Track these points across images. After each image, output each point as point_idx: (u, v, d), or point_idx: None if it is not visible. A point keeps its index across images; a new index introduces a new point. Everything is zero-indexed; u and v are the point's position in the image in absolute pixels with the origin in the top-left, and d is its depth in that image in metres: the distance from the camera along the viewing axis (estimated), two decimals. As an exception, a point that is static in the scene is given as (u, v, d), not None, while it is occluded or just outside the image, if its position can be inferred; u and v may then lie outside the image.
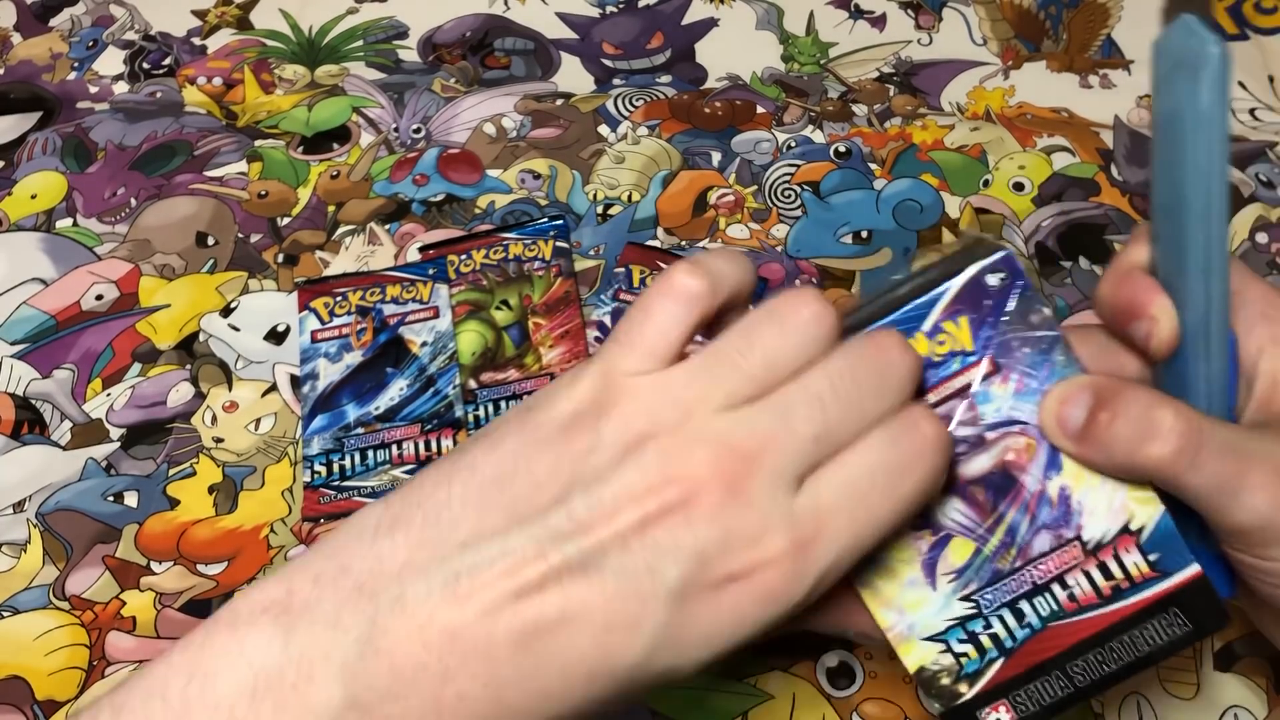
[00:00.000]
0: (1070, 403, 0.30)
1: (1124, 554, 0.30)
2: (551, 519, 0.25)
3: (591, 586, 0.25)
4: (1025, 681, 0.30)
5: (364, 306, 0.53)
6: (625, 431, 0.26)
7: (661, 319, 0.28)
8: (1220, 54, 0.28)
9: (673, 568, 0.25)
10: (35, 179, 0.62)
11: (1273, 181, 0.58)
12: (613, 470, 0.26)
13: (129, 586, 0.47)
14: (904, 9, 0.69)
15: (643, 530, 0.25)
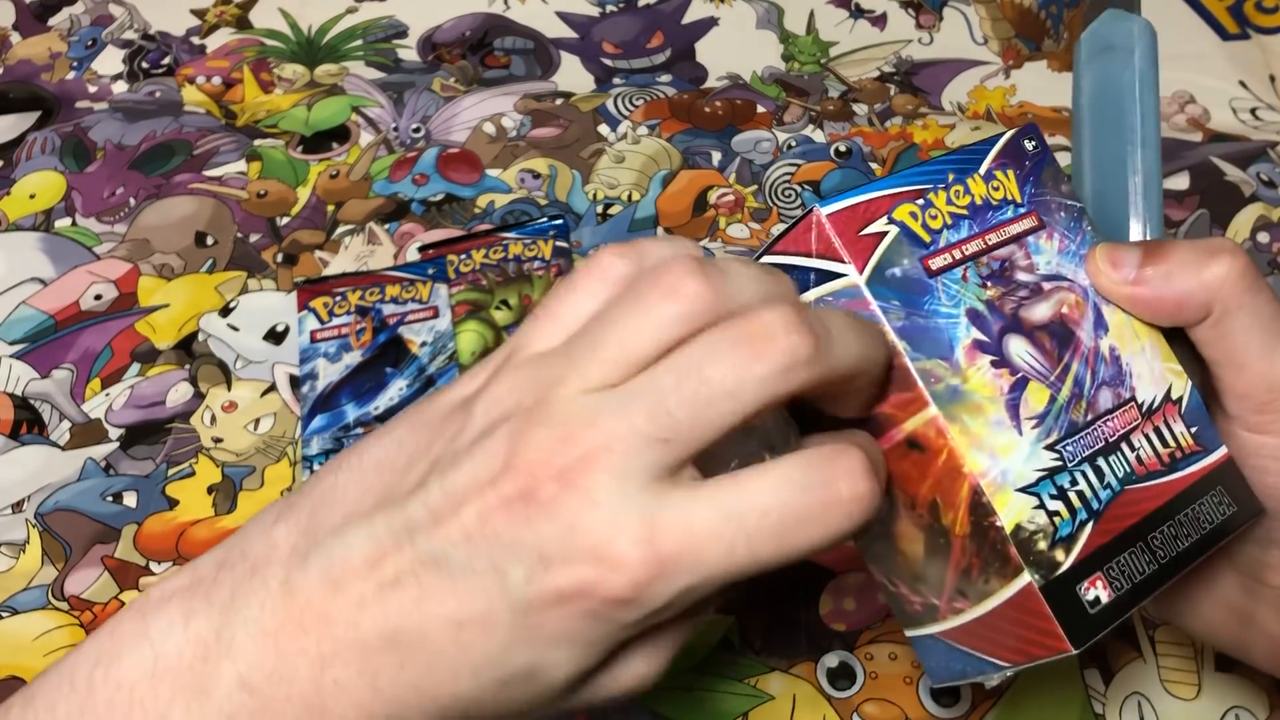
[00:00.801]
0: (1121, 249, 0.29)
1: (1172, 422, 0.29)
2: (410, 507, 0.25)
3: (443, 582, 0.24)
4: (1116, 552, 0.28)
5: (363, 306, 0.53)
6: (492, 411, 0.25)
7: (583, 293, 0.26)
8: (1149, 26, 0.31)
9: (516, 567, 0.24)
10: (34, 178, 0.62)
11: (1273, 181, 0.58)
12: (467, 455, 0.25)
13: (128, 587, 0.47)
14: (904, 8, 0.69)
15: (484, 525, 0.24)
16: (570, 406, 0.24)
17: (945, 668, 0.29)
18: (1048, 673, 0.43)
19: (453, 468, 0.25)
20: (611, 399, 0.24)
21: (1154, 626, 0.43)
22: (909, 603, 0.29)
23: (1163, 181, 0.32)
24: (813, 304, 0.28)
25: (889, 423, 0.28)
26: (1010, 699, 0.42)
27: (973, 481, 0.27)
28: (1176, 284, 0.29)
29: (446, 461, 0.25)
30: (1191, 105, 0.62)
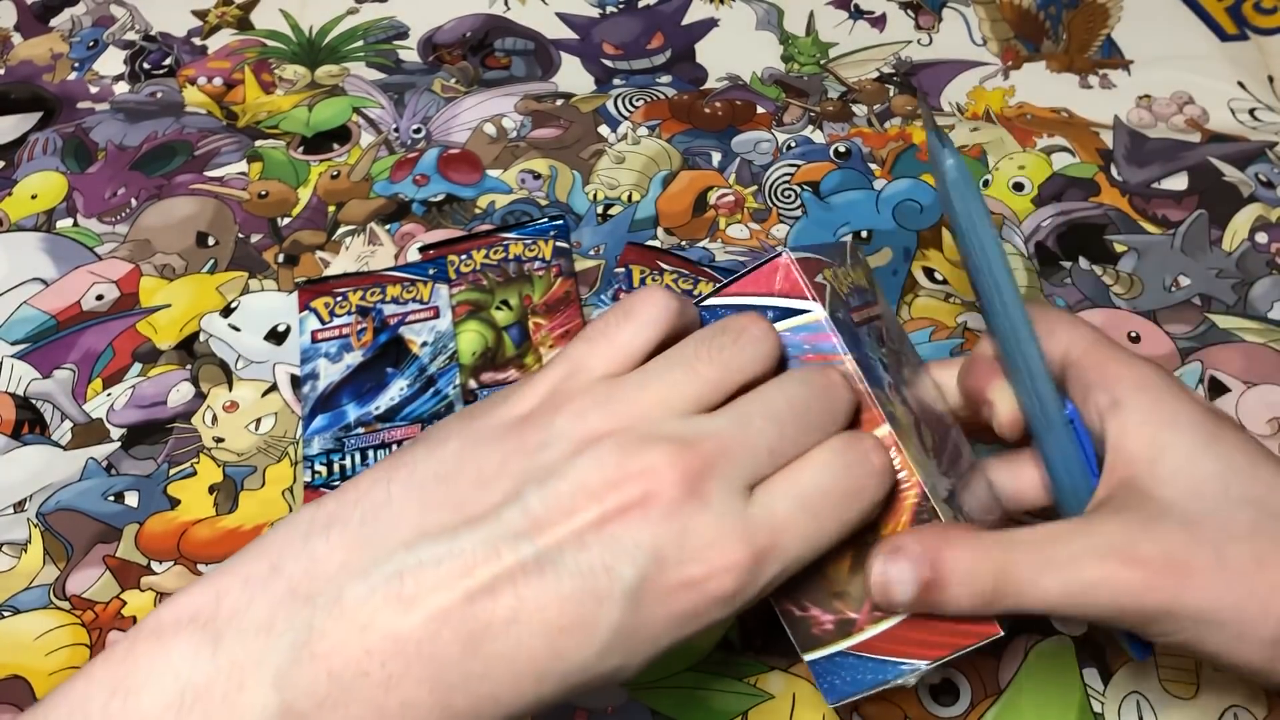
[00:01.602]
0: (895, 576, 0.29)
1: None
2: (505, 516, 0.25)
3: (547, 586, 0.24)
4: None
5: (364, 306, 0.53)
6: (579, 426, 0.26)
7: (640, 322, 0.29)
8: (956, 161, 0.32)
9: (629, 567, 0.25)
10: (35, 179, 0.62)
11: (1273, 181, 0.58)
12: (569, 464, 0.25)
13: (129, 586, 0.47)
14: (904, 9, 0.69)
15: (601, 527, 0.25)
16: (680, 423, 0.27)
17: (850, 682, 0.31)
18: (1048, 672, 0.43)
19: (554, 477, 0.25)
20: (721, 417, 0.27)
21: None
22: (818, 624, 0.31)
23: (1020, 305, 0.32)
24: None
25: None
26: (1010, 699, 0.42)
27: (920, 489, 0.30)
28: (956, 611, 0.30)
29: (540, 473, 0.26)
30: (1190, 106, 0.62)
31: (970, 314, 0.54)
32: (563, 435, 0.26)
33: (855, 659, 0.31)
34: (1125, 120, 0.62)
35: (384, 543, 0.25)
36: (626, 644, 0.25)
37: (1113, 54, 0.66)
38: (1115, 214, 0.58)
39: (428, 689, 0.24)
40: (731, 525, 0.26)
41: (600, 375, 0.28)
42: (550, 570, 0.24)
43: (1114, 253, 0.56)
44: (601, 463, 0.25)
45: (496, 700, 0.24)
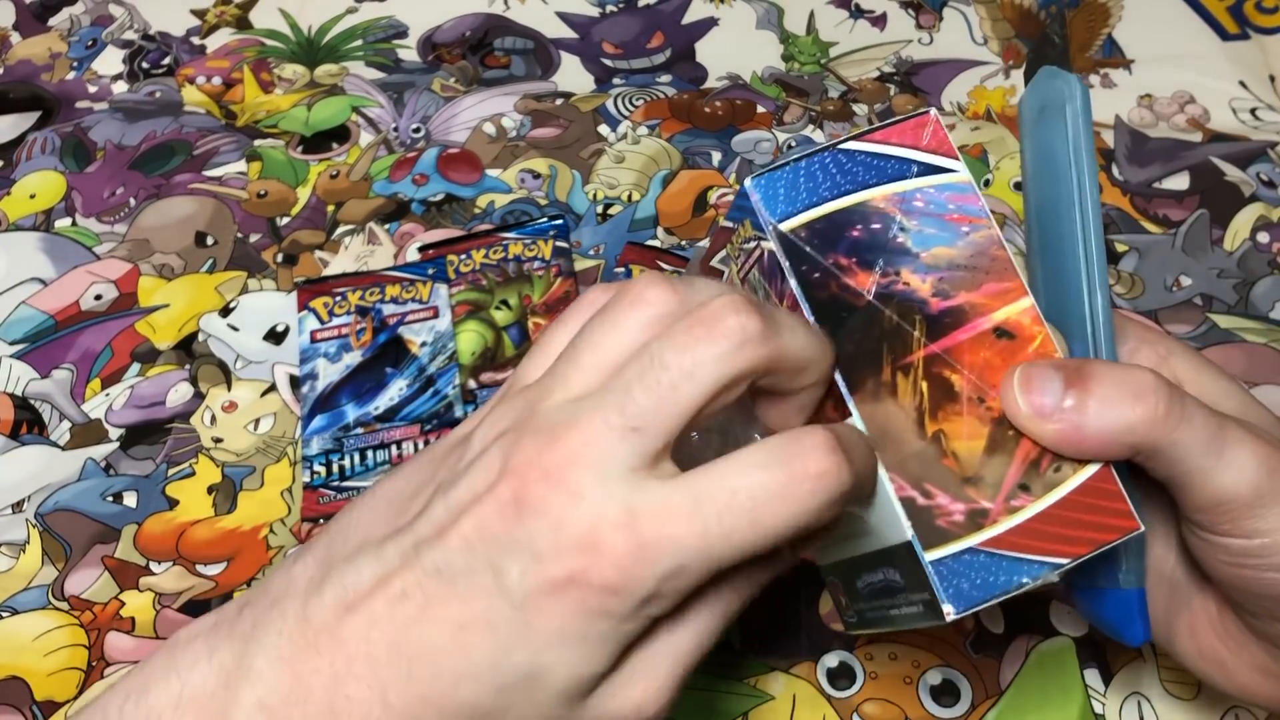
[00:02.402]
0: (1038, 383, 0.28)
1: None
2: (418, 525, 0.27)
3: (444, 588, 0.26)
4: None
5: (363, 306, 0.53)
6: (488, 433, 0.28)
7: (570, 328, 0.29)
8: (1083, 87, 0.31)
9: (512, 565, 0.25)
10: (34, 179, 0.62)
11: (1273, 181, 0.58)
12: (466, 472, 0.27)
13: (128, 587, 0.47)
14: (904, 8, 0.69)
15: (481, 529, 0.25)
16: (553, 414, 0.26)
17: (980, 586, 0.28)
18: (1049, 673, 0.43)
19: (453, 486, 0.27)
20: (587, 401, 0.26)
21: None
22: (944, 514, 0.28)
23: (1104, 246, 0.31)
24: (914, 192, 0.30)
25: (976, 312, 0.29)
26: (1011, 699, 0.42)
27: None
28: (1096, 428, 0.28)
29: (448, 483, 0.27)
30: (1191, 105, 0.62)
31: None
32: (475, 445, 0.28)
33: (986, 557, 0.27)
34: (1126, 120, 0.62)
35: (337, 556, 0.28)
36: (529, 641, 0.25)
37: (1114, 53, 0.66)
38: (1116, 213, 0.57)
39: (366, 684, 0.26)
40: (608, 513, 0.25)
41: (530, 382, 0.28)
42: (447, 573, 0.26)
43: (1115, 252, 0.56)
44: (486, 467, 0.26)
45: (425, 700, 0.25)
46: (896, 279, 0.29)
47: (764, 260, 0.30)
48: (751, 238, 0.30)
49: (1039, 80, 0.33)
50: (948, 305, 0.29)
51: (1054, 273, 0.33)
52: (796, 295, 0.29)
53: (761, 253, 0.30)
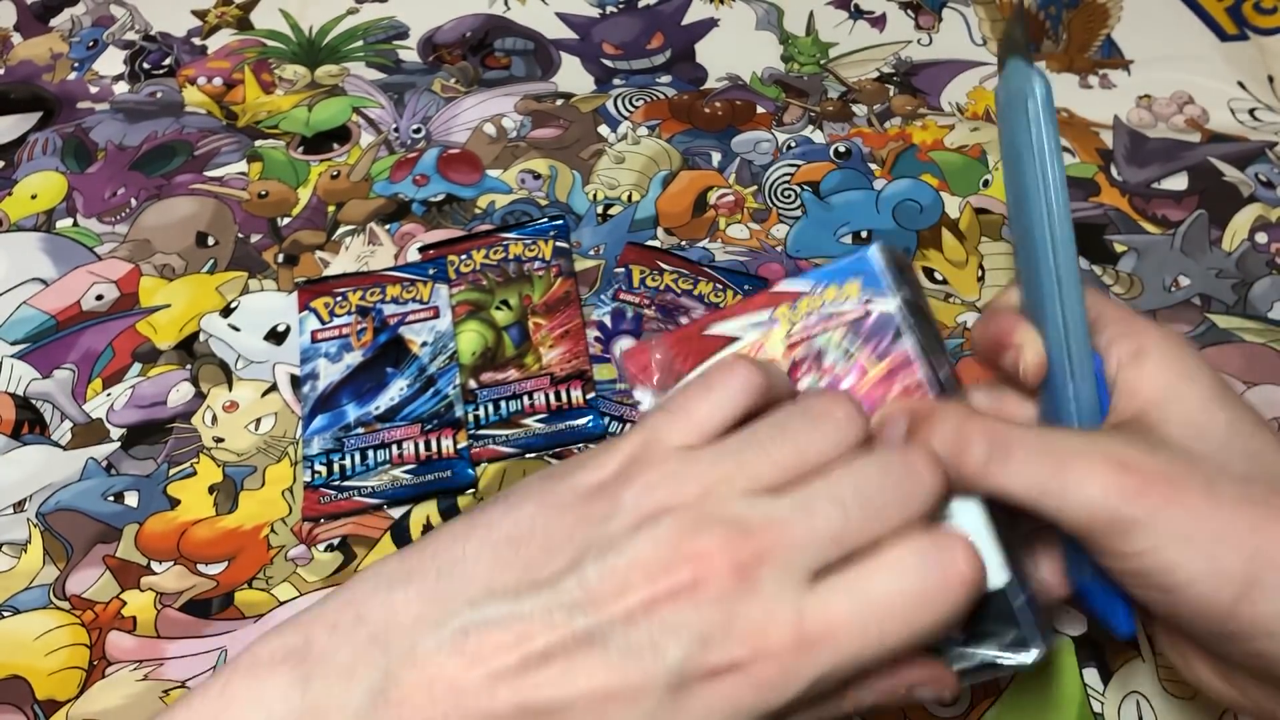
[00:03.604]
0: (888, 428, 0.31)
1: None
2: (564, 585, 0.26)
3: (595, 661, 0.25)
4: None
5: (364, 306, 0.53)
6: (645, 500, 0.27)
7: (719, 396, 0.29)
8: (1042, 85, 0.31)
9: (675, 648, 0.25)
10: (35, 179, 0.62)
11: (1272, 181, 0.58)
12: (628, 539, 0.26)
13: (129, 586, 0.47)
14: (904, 9, 0.69)
15: (650, 608, 0.25)
16: (742, 505, 0.27)
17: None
18: (1048, 672, 0.43)
19: (612, 552, 0.26)
20: (784, 504, 0.27)
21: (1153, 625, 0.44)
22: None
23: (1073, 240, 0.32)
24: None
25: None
26: (1010, 699, 0.42)
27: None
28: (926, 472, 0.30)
29: (601, 545, 0.27)
30: (1190, 106, 0.62)
31: (970, 314, 0.54)
32: (628, 508, 0.27)
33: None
34: (1125, 120, 0.62)
35: (455, 598, 0.26)
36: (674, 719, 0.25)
37: (1113, 54, 0.66)
38: (1115, 214, 0.58)
39: None
40: (780, 612, 0.26)
41: (675, 447, 0.29)
42: (599, 644, 0.25)
43: (1114, 253, 0.56)
44: (657, 541, 0.26)
45: None
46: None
47: (865, 323, 0.32)
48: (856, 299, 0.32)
49: (1006, 74, 0.33)
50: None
51: (1028, 269, 0.33)
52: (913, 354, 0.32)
53: (867, 315, 0.32)
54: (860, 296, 0.32)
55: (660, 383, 0.34)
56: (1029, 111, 0.31)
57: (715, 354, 0.33)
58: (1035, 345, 0.32)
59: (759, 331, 0.33)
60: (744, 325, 0.33)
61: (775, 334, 0.33)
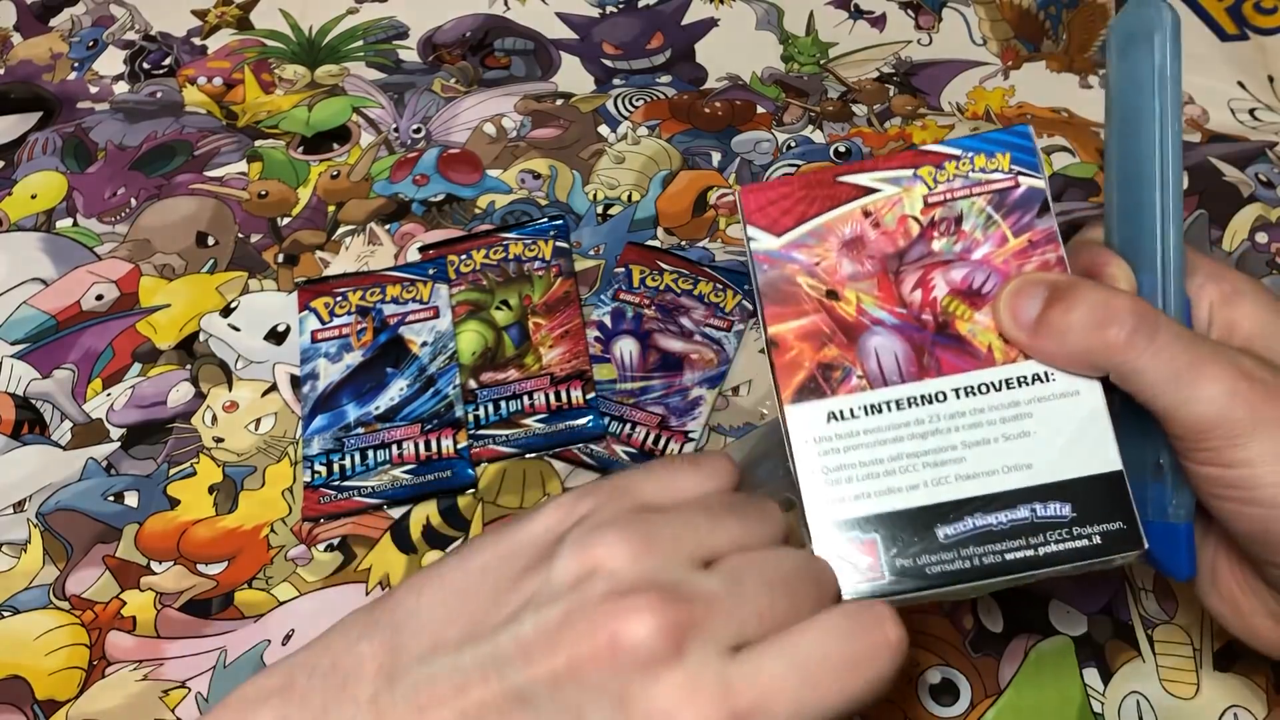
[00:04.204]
0: (1024, 295, 0.30)
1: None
2: (501, 639, 0.27)
3: (523, 715, 0.26)
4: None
5: (364, 306, 0.53)
6: (584, 554, 0.27)
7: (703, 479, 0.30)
8: (1174, 15, 0.31)
9: (596, 713, 0.25)
10: (35, 179, 0.62)
11: (1273, 181, 0.58)
12: (565, 593, 0.27)
13: (129, 586, 0.47)
14: (904, 9, 0.69)
15: (576, 668, 0.26)
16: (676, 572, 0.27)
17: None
18: (1048, 673, 0.43)
19: (548, 605, 0.27)
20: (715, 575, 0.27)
21: (1153, 626, 0.44)
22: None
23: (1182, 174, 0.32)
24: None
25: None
26: (1010, 699, 0.42)
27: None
28: (1071, 344, 0.30)
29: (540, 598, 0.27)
30: (1190, 106, 0.62)
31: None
32: (572, 558, 0.27)
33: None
34: (1125, 120, 0.62)
35: (407, 651, 0.28)
36: None
37: (1113, 54, 0.66)
38: (1115, 214, 0.58)
39: None
40: (705, 683, 0.25)
41: (637, 506, 0.29)
42: (529, 704, 0.26)
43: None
44: (587, 598, 0.26)
45: None
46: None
47: (1012, 194, 0.32)
48: (1006, 171, 0.32)
49: (1128, 9, 0.32)
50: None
51: (1130, 204, 0.32)
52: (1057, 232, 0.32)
53: (1015, 186, 0.32)
54: (1011, 168, 0.32)
55: (778, 224, 0.33)
56: (1155, 46, 0.31)
57: (848, 203, 0.33)
58: (1128, 277, 0.32)
59: (898, 186, 0.33)
60: (883, 178, 0.33)
61: (916, 190, 0.33)
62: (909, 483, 0.31)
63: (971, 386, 0.31)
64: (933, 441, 0.31)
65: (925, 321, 0.32)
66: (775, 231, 0.33)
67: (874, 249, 0.32)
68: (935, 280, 0.32)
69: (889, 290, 0.32)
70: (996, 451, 0.31)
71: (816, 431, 0.31)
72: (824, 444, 0.31)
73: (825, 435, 0.31)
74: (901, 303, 0.32)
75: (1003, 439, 0.31)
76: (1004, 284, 0.31)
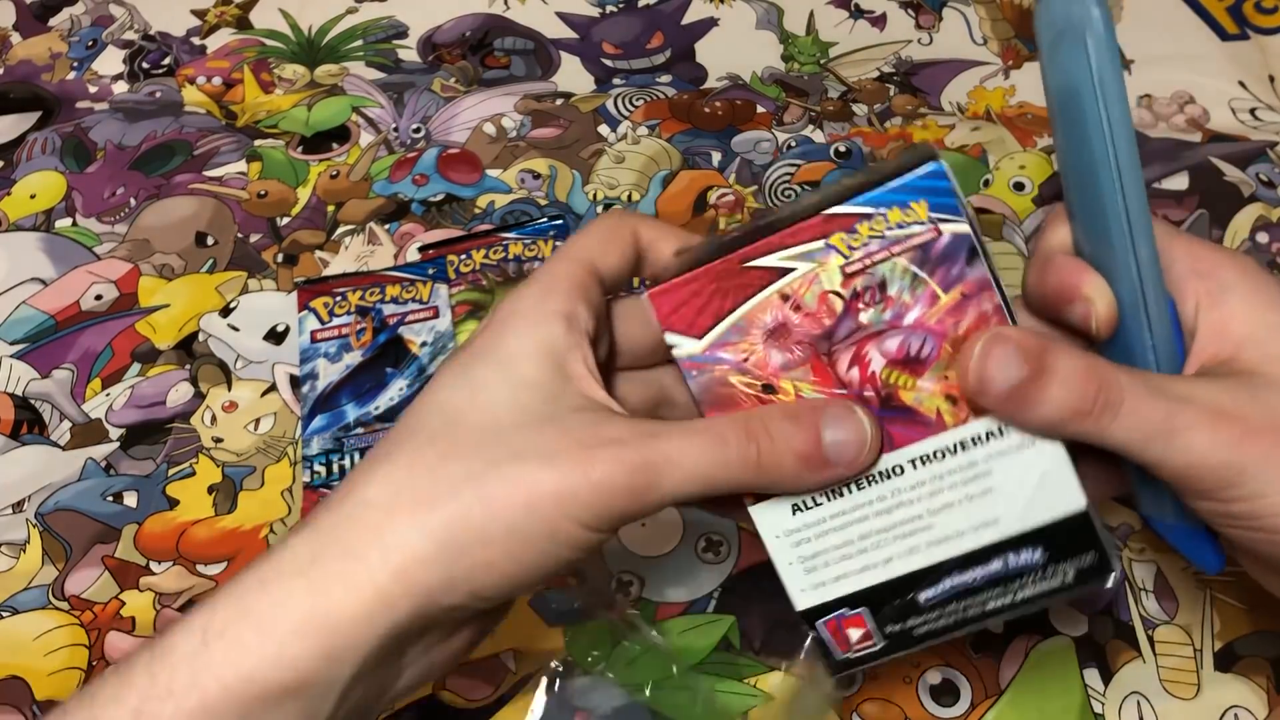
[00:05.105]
0: (993, 363, 0.28)
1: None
2: None
3: None
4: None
5: (364, 306, 0.53)
6: None
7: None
8: (1102, 14, 0.28)
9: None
10: (35, 179, 0.62)
11: (1273, 181, 0.58)
12: None
13: (128, 587, 0.47)
14: (904, 9, 0.69)
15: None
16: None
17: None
18: (1048, 673, 0.43)
19: None
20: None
21: (1153, 626, 0.44)
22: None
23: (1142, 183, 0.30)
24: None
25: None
26: (1010, 699, 0.42)
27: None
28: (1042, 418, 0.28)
29: None
30: (1191, 105, 0.62)
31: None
32: None
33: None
34: (1126, 120, 0.62)
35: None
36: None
37: (1113, 53, 0.66)
38: (1116, 214, 0.57)
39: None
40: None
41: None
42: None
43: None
44: None
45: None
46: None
47: (935, 246, 0.29)
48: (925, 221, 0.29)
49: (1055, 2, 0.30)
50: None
51: (1092, 212, 0.31)
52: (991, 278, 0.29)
53: (938, 236, 0.29)
54: (929, 217, 0.29)
55: (696, 325, 0.30)
56: (1088, 45, 0.29)
57: (763, 290, 0.30)
58: (1106, 296, 0.30)
59: (811, 261, 0.30)
60: (793, 255, 0.30)
61: (831, 262, 0.30)
62: (883, 557, 0.31)
63: (927, 454, 0.30)
64: (899, 514, 0.31)
65: (868, 398, 0.30)
66: (695, 334, 0.30)
67: (800, 333, 0.30)
68: (870, 354, 0.30)
69: (824, 373, 0.30)
70: (962, 513, 0.31)
71: (785, 525, 0.31)
72: (794, 535, 0.31)
73: (794, 528, 0.31)
74: (840, 384, 0.30)
75: (966, 500, 0.30)
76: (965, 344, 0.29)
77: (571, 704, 0.42)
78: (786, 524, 0.31)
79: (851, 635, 0.32)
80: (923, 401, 0.30)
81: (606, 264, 0.31)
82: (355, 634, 0.27)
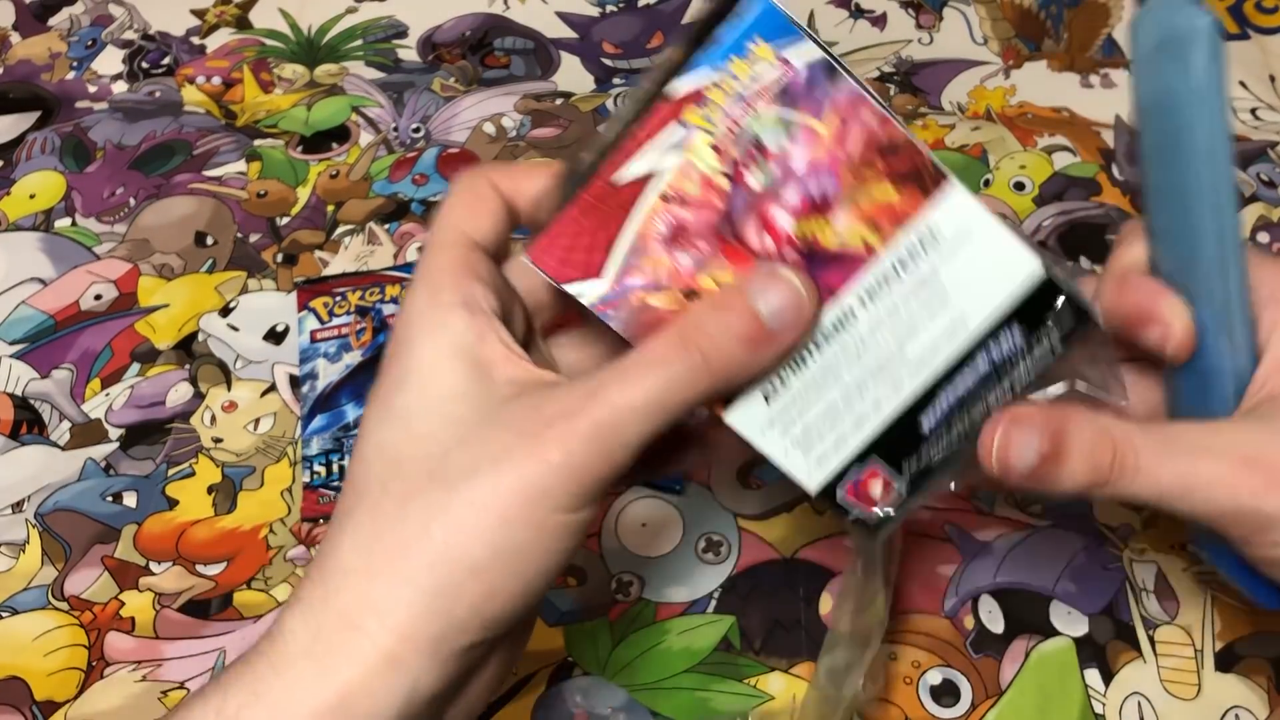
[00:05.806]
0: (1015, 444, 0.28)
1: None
2: None
3: None
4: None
5: (363, 306, 0.53)
6: None
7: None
8: (1210, 25, 0.27)
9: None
10: (34, 178, 0.62)
11: (1274, 181, 0.58)
12: None
13: (128, 587, 0.47)
14: (904, 8, 0.69)
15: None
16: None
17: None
18: (1049, 673, 0.43)
19: None
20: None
21: (1154, 627, 0.44)
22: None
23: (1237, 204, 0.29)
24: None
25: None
26: (1011, 700, 0.42)
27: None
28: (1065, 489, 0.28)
29: None
30: (1191, 105, 0.62)
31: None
32: None
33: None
34: (1126, 120, 0.62)
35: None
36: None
37: (1114, 53, 0.66)
38: (1116, 213, 0.57)
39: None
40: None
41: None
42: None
43: (1115, 252, 0.56)
44: None
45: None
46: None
47: (794, 82, 0.27)
48: (772, 61, 0.27)
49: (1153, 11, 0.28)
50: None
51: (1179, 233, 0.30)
52: (860, 88, 0.27)
53: (789, 70, 0.27)
54: (774, 56, 0.27)
55: (591, 264, 0.29)
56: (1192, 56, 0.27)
57: (641, 201, 0.29)
58: (1184, 320, 0.29)
59: (677, 153, 0.28)
60: (657, 154, 0.28)
61: (697, 144, 0.28)
62: (871, 403, 0.30)
63: (871, 288, 0.29)
64: (869, 357, 0.29)
65: (791, 258, 0.29)
66: (594, 274, 0.29)
67: (698, 226, 0.28)
68: (775, 215, 0.28)
69: (738, 254, 0.28)
70: (928, 329, 0.29)
71: (764, 417, 0.30)
72: (778, 423, 0.30)
73: (774, 415, 0.30)
74: (757, 257, 0.29)
75: (926, 314, 0.29)
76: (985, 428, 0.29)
77: (571, 704, 0.42)
78: (765, 415, 0.30)
79: (874, 490, 0.31)
80: (845, 239, 0.28)
81: (481, 232, 0.30)
82: (373, 705, 0.25)
